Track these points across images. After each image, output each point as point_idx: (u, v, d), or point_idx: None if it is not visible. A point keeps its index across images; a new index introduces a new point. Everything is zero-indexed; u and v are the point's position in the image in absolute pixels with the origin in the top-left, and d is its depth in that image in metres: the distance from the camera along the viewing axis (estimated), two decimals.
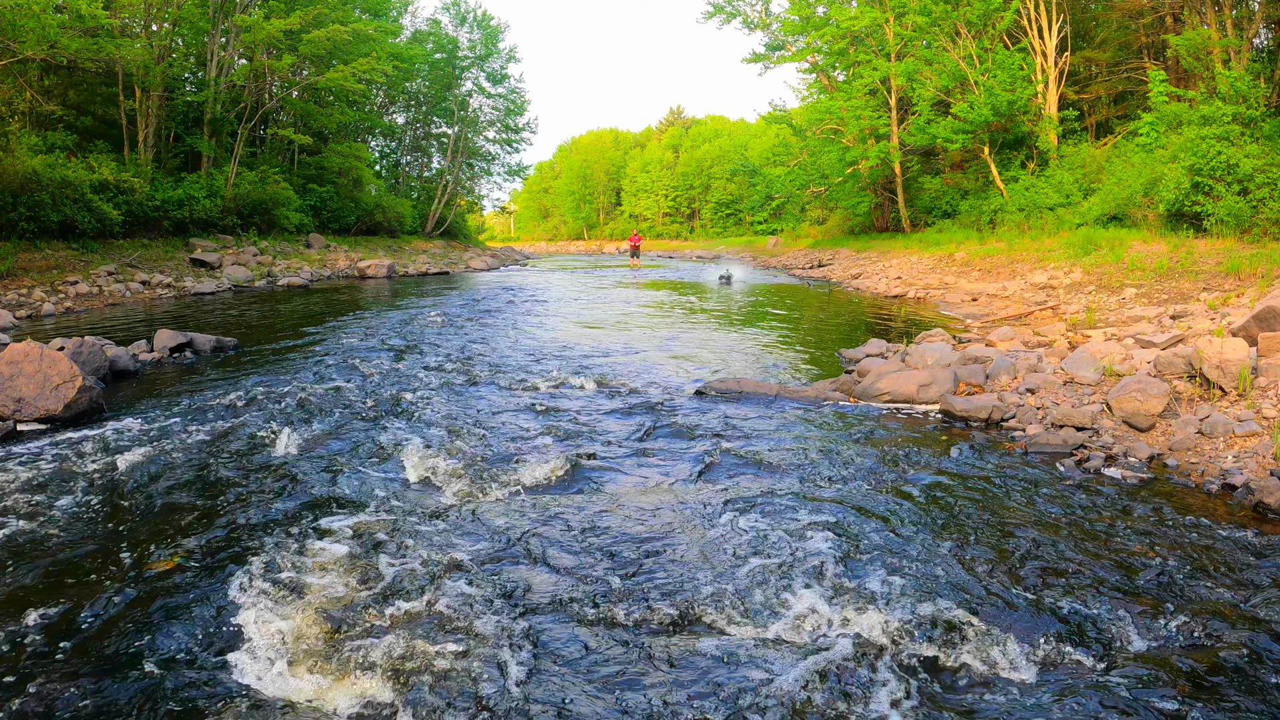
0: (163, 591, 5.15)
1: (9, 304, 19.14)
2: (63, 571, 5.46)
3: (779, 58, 50.10)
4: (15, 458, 7.71)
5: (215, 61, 37.13)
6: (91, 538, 6.06)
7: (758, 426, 9.26)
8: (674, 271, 45.15)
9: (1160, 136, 25.29)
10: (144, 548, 5.83)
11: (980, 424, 9.09)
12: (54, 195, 24.82)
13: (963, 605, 4.87)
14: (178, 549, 5.78)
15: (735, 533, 6.13)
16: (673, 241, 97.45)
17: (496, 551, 5.82)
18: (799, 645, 4.56)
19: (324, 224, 46.07)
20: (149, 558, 5.65)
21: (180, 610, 4.92)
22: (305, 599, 5.04)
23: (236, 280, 29.51)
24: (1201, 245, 17.59)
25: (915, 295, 24.04)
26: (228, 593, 5.12)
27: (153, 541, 5.93)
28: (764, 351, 14.78)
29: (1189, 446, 7.72)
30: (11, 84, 28.32)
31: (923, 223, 40.21)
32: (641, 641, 4.65)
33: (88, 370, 10.13)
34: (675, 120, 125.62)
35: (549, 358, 14.02)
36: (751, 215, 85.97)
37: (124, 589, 5.19)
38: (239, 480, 7.30)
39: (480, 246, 71.13)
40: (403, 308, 22.95)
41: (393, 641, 4.52)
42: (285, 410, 9.70)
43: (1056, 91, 32.79)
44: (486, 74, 64.32)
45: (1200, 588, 5.10)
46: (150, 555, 5.68)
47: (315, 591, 5.14)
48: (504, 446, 8.46)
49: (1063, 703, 4.01)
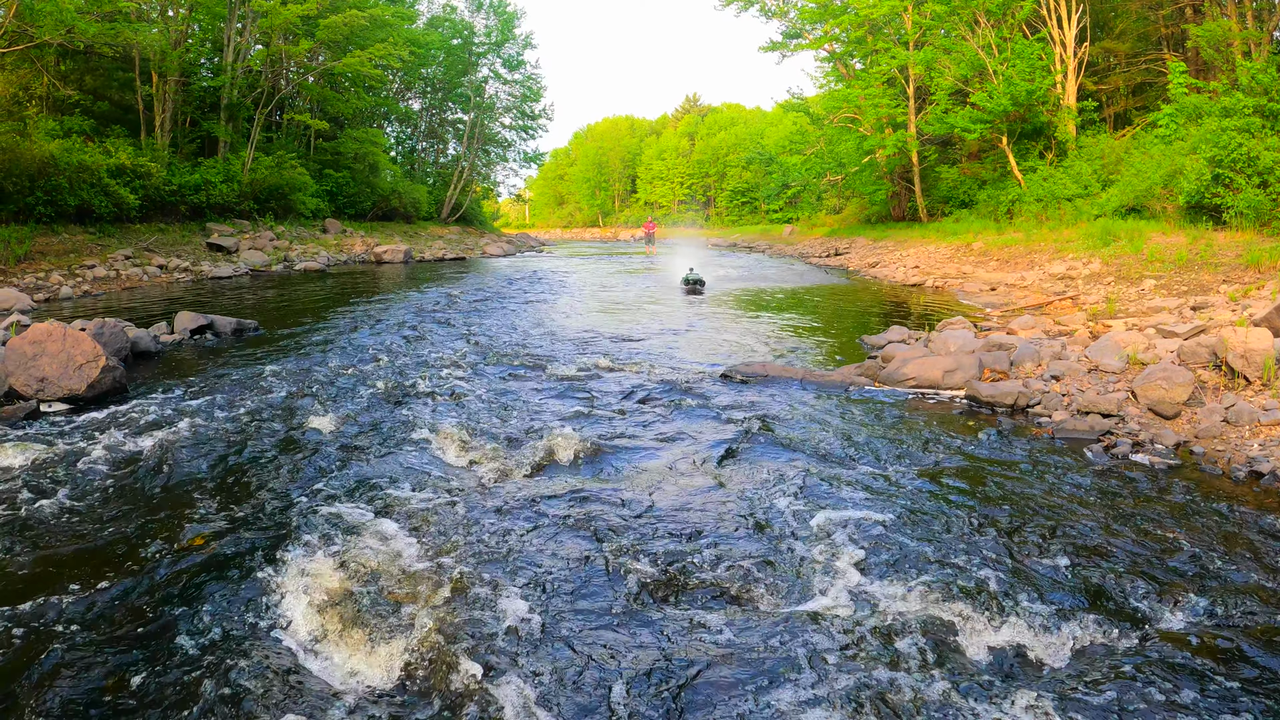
0: (194, 567, 5.19)
1: (27, 287, 19.22)
2: (93, 548, 5.50)
3: (796, 45, 49.87)
4: (40, 437, 7.75)
5: (232, 47, 37.17)
6: (120, 515, 6.10)
7: (784, 410, 9.25)
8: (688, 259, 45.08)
9: (1180, 128, 25.09)
10: (174, 524, 5.87)
11: (1006, 410, 9.08)
12: (71, 179, 24.92)
13: (995, 583, 4.87)
14: (207, 526, 5.82)
15: (766, 512, 6.14)
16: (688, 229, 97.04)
17: (525, 529, 5.83)
18: (830, 619, 4.56)
19: (340, 209, 46.16)
20: (179, 535, 5.68)
21: (211, 585, 4.95)
22: (335, 573, 5.06)
23: (253, 265, 29.61)
24: (1221, 238, 17.48)
25: (933, 284, 23.94)
26: (259, 567, 5.14)
27: (182, 518, 5.97)
28: (785, 337, 14.76)
29: (1215, 434, 7.69)
30: (29, 69, 28.43)
31: (940, 212, 40.05)
32: (672, 614, 4.67)
33: (109, 351, 10.16)
34: (691, 108, 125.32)
35: (570, 341, 14.02)
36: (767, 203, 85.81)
37: (154, 565, 5.23)
38: (265, 459, 7.33)
39: (496, 233, 71.15)
40: (421, 292, 22.98)
41: (424, 615, 4.55)
42: (309, 391, 9.73)
43: (1075, 82, 32.58)
44: (502, 60, 64.27)
45: (1230, 570, 5.09)
46: (180, 532, 5.72)
47: (345, 566, 5.16)
48: (529, 426, 8.48)
49: (1094, 678, 4.01)
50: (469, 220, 65.49)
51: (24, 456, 7.12)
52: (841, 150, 47.41)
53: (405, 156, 64.89)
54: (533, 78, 66.55)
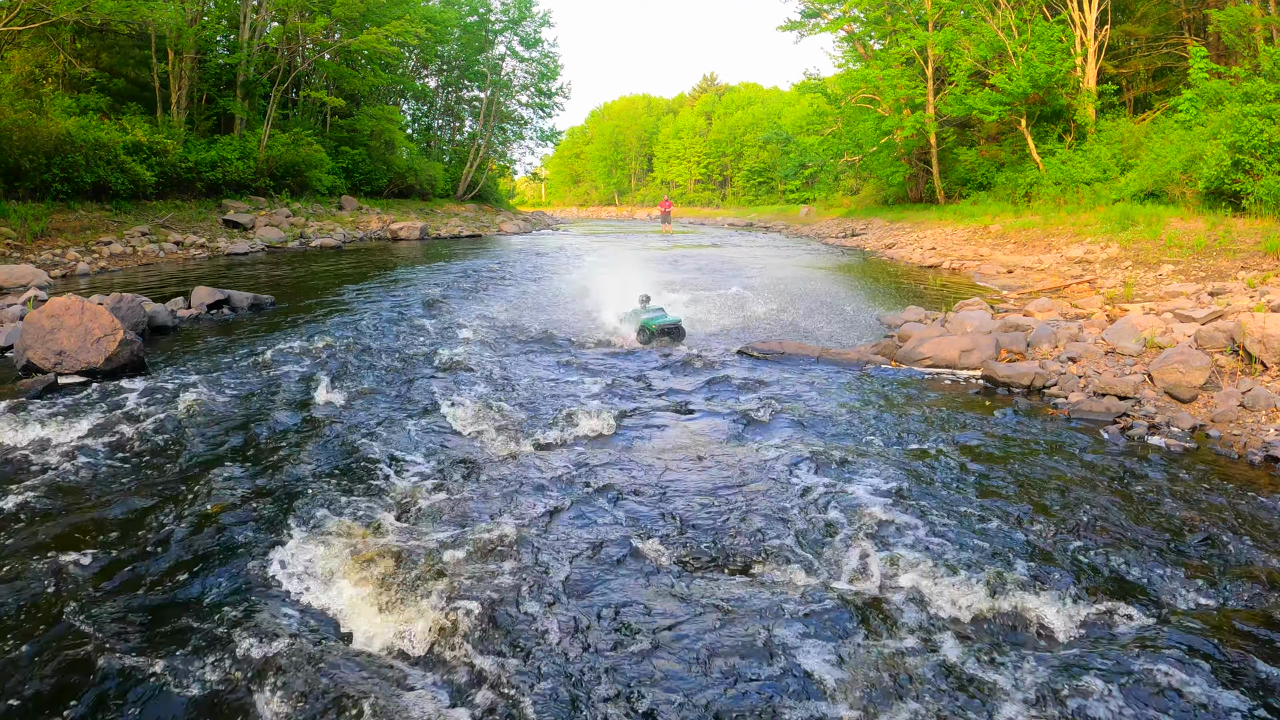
0: (212, 533, 5.25)
1: (44, 263, 19.30)
2: (112, 515, 5.56)
3: (815, 26, 49.48)
4: (58, 408, 7.80)
5: (248, 23, 37.14)
6: (138, 483, 6.17)
7: (801, 386, 9.28)
8: (705, 238, 45.04)
9: (1200, 113, 24.82)
10: (192, 492, 5.93)
11: (1022, 390, 9.07)
12: (87, 156, 24.98)
13: (1010, 558, 4.90)
14: (225, 494, 5.87)
15: (782, 485, 6.18)
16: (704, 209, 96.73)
17: (543, 500, 5.87)
18: (843, 590, 4.59)
19: (356, 186, 46.11)
20: (197, 502, 5.73)
21: (227, 551, 5.02)
22: (352, 538, 5.11)
23: (270, 241, 29.65)
24: (1240, 224, 17.32)
25: (950, 266, 23.84)
26: (275, 533, 5.21)
27: (201, 486, 6.02)
28: (802, 315, 14.74)
29: (1231, 419, 7.66)
30: (45, 46, 28.45)
31: (957, 194, 39.77)
32: (688, 582, 4.70)
33: (127, 325, 10.19)
34: (708, 87, 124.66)
35: (587, 317, 14.04)
36: (784, 184, 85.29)
37: (171, 531, 5.29)
38: (282, 430, 7.38)
39: (512, 211, 70.93)
40: (438, 268, 22.99)
41: (443, 578, 4.58)
42: (326, 364, 9.77)
43: (1095, 65, 32.26)
44: (519, 38, 63.85)
45: (1247, 552, 5.08)
46: (199, 500, 5.77)
47: (362, 531, 5.21)
48: (547, 401, 8.53)
49: (1108, 655, 4.02)
50: (485, 198, 65.31)
51: (42, 428, 7.18)
52: (859, 131, 47.15)
53: (421, 134, 64.73)
54: (550, 55, 66.13)
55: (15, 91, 24.23)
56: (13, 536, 5.20)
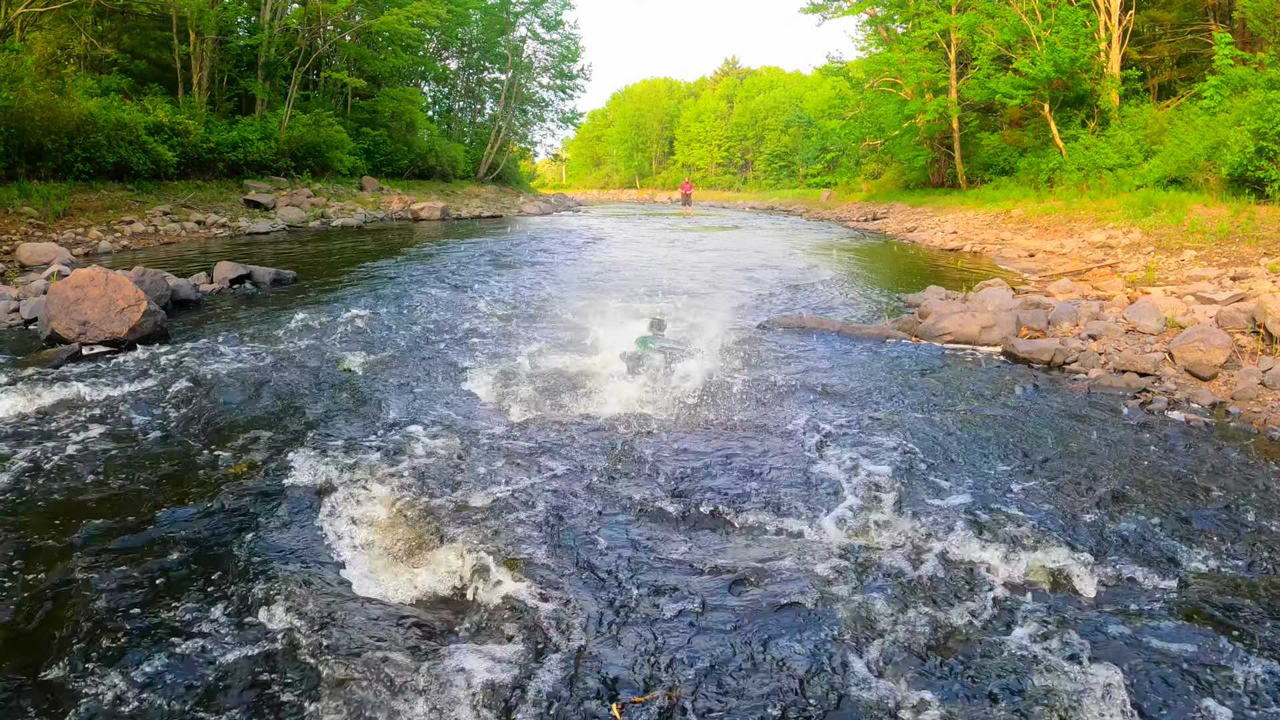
0: (237, 493, 5.33)
1: (66, 242, 19.43)
2: (140, 480, 5.65)
3: (837, 9, 49.21)
4: (84, 377, 7.89)
5: (269, 4, 37.18)
6: (163, 445, 6.27)
7: (823, 360, 9.32)
8: (727, 220, 45.03)
9: (1224, 100, 24.58)
10: (215, 453, 6.03)
11: (1042, 366, 9.09)
12: (109, 137, 25.08)
13: (1033, 524, 4.94)
14: (247, 456, 5.95)
15: (803, 450, 6.23)
16: (725, 192, 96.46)
17: (564, 464, 5.92)
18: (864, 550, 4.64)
19: (377, 167, 46.18)
20: (219, 463, 5.82)
21: (254, 510, 5.10)
22: (375, 496, 5.20)
23: (291, 221, 29.72)
24: (1263, 211, 17.17)
25: (971, 249, 23.77)
26: (298, 493, 5.27)
27: (223, 449, 6.12)
28: (823, 293, 14.76)
29: (1251, 396, 7.65)
30: (67, 28, 28.59)
31: (979, 179, 39.53)
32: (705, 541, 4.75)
33: (151, 298, 10.25)
34: (730, 70, 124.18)
35: (608, 294, 14.06)
36: (806, 168, 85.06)
37: (198, 491, 5.37)
38: (305, 397, 7.45)
39: (532, 193, 70.95)
40: (460, 248, 23.01)
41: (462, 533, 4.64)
42: (348, 335, 9.85)
43: (1119, 51, 31.94)
44: (541, 19, 63.72)
45: (1265, 522, 5.10)
46: (220, 461, 5.86)
47: (384, 490, 5.29)
48: (569, 373, 8.58)
49: (1127, 614, 4.06)
50: (506, 180, 65.37)
51: (68, 394, 7.27)
52: (881, 114, 46.90)
53: (442, 116, 64.75)
54: (571, 37, 66.04)
55: (37, 73, 24.30)
56: (40, 498, 5.28)
